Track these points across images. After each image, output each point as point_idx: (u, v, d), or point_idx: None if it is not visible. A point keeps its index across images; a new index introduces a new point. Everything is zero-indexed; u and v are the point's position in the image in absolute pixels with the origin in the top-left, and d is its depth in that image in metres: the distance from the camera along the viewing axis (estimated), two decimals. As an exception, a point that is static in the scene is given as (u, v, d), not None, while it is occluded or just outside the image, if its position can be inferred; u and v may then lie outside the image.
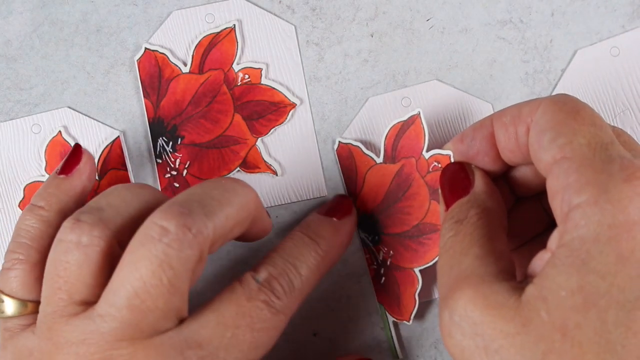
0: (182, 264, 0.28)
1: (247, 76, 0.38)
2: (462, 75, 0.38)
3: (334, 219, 0.35)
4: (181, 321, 0.29)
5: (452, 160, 0.34)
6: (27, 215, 0.33)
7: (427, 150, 0.35)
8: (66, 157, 0.35)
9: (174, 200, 0.30)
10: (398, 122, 0.36)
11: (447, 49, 0.39)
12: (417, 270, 0.36)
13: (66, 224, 0.30)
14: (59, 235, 0.30)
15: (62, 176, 0.34)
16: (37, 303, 0.32)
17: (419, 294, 0.36)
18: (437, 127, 0.38)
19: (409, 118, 0.36)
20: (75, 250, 0.29)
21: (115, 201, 0.31)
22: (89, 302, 0.29)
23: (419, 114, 0.35)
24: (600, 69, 0.38)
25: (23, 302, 0.32)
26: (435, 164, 0.35)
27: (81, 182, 0.34)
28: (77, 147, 0.35)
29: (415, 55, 0.39)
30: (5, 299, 0.32)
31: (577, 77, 0.38)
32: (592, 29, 0.38)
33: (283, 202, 0.38)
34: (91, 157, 0.35)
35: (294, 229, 0.35)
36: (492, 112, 0.38)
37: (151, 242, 0.28)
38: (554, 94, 0.38)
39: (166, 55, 0.38)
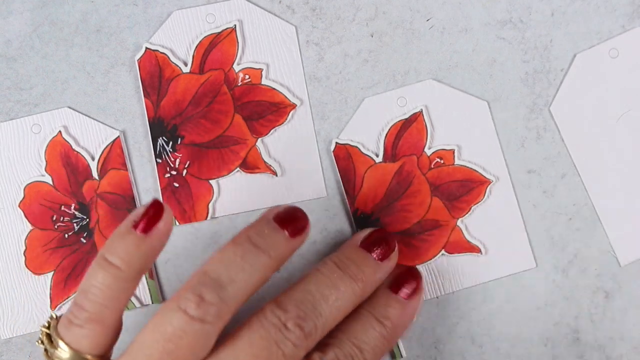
0: None
1: (247, 76, 0.38)
2: (462, 75, 0.38)
3: (403, 298, 0.35)
4: None
5: (455, 157, 0.34)
6: (100, 272, 0.31)
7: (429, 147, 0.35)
8: (145, 211, 0.32)
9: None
10: (399, 121, 0.36)
11: (447, 49, 0.39)
12: (418, 267, 0.36)
13: (189, 296, 0.30)
14: (177, 304, 0.30)
15: (140, 234, 0.31)
16: (99, 357, 0.32)
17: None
18: (433, 126, 0.38)
19: (412, 116, 0.36)
20: (198, 325, 0.29)
21: (237, 276, 0.31)
22: None
23: (421, 111, 0.36)
24: (600, 72, 0.38)
25: (84, 357, 0.31)
26: (438, 160, 0.35)
27: (160, 243, 0.32)
28: (158, 204, 0.32)
29: (415, 55, 0.39)
30: (70, 352, 0.31)
31: (578, 81, 0.38)
32: (592, 29, 0.38)
33: (283, 203, 0.38)
34: (171, 216, 0.32)
35: (361, 306, 0.34)
36: (488, 111, 0.38)
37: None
38: (556, 101, 0.38)
39: (167, 55, 0.38)
